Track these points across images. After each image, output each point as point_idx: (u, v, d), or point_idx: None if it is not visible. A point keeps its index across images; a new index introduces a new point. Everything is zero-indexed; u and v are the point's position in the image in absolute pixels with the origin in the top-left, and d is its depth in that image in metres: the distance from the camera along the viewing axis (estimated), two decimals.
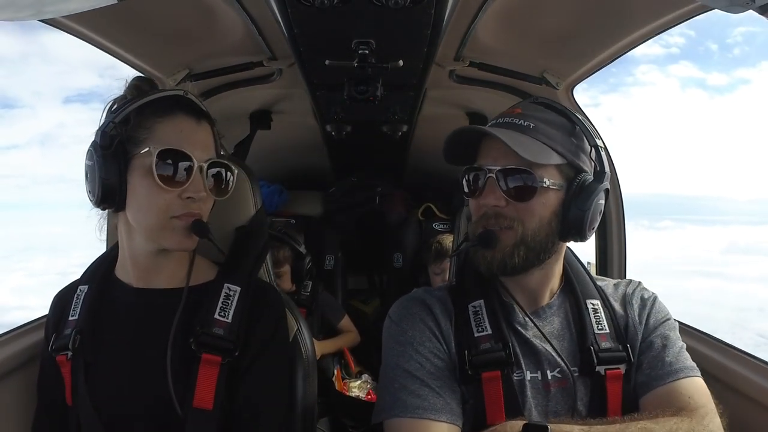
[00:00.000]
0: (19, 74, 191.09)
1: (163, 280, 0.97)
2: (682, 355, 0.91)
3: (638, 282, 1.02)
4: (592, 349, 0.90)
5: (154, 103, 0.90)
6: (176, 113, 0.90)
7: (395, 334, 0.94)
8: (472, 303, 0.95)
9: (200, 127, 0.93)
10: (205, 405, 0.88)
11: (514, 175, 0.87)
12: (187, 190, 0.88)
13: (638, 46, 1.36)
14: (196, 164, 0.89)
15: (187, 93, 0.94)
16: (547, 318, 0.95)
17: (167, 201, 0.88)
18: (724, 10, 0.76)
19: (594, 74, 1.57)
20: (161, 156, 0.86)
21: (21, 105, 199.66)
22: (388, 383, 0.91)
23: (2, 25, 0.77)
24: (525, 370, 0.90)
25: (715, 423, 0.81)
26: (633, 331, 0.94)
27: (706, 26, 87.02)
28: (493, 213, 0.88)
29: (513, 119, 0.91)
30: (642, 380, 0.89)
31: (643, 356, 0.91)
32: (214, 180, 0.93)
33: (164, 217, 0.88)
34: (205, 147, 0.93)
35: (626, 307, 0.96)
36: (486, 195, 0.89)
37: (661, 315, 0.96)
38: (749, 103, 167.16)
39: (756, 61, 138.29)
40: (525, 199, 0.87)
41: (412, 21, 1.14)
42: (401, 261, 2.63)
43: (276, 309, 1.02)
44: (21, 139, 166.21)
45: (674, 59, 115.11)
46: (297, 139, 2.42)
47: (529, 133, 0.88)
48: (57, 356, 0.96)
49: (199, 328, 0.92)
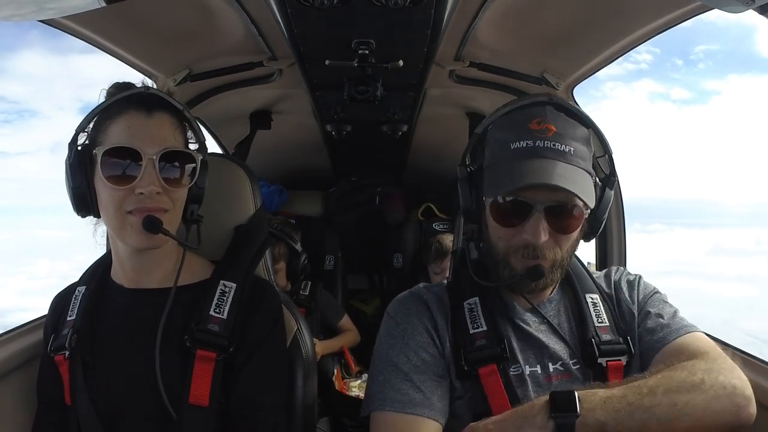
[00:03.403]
0: (45, 91, 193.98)
1: (155, 280, 0.97)
2: (678, 316, 0.93)
3: (622, 268, 1.05)
4: (594, 341, 0.91)
5: (110, 106, 0.90)
6: (127, 110, 0.89)
7: (389, 327, 0.96)
8: (468, 300, 0.95)
9: (151, 119, 0.90)
10: (201, 402, 0.89)
11: (564, 212, 0.86)
12: (138, 186, 0.86)
13: (638, 47, 1.36)
14: (145, 158, 0.86)
15: (149, 88, 0.92)
16: (547, 312, 0.96)
17: (120, 198, 0.88)
18: (724, 9, 0.76)
19: (594, 74, 1.57)
20: (106, 155, 0.87)
21: (40, 116, 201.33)
22: (375, 376, 0.93)
23: (33, 45, 0.77)
24: (524, 364, 0.91)
25: (728, 362, 0.82)
26: (629, 313, 0.96)
27: (670, 45, 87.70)
28: (536, 245, 0.86)
29: (553, 143, 0.86)
30: (646, 347, 0.91)
31: (642, 328, 0.93)
32: (171, 171, 0.90)
33: (120, 214, 0.88)
34: (158, 139, 0.89)
35: (618, 293, 0.99)
36: (531, 230, 0.85)
37: (649, 289, 0.99)
38: (726, 112, 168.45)
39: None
40: (570, 231, 0.88)
41: (412, 21, 1.14)
42: (401, 261, 2.63)
43: (273, 306, 1.02)
44: (32, 146, 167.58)
45: (640, 75, 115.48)
46: (297, 139, 2.42)
47: (574, 161, 0.86)
48: (55, 356, 0.97)
49: (194, 325, 0.92)
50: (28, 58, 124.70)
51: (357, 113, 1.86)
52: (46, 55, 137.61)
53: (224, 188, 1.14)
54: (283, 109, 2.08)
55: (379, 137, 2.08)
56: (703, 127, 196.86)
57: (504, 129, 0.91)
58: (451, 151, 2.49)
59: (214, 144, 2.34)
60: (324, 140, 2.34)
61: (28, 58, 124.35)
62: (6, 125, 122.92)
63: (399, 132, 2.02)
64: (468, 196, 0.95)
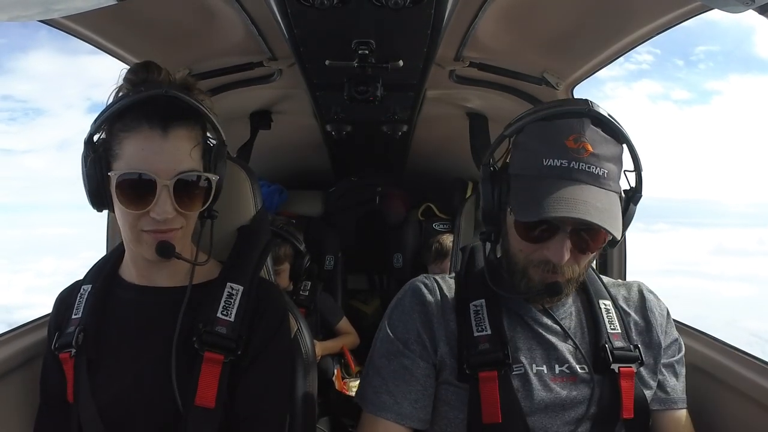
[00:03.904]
0: (53, 90, 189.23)
1: (165, 278, 0.97)
2: (685, 383, 1.00)
3: (646, 286, 1.04)
4: (607, 347, 0.92)
5: (123, 115, 0.87)
6: (141, 126, 0.86)
7: (382, 326, 0.99)
8: (474, 302, 0.95)
9: (167, 140, 0.86)
10: (207, 403, 0.89)
11: (589, 235, 0.85)
12: (152, 211, 0.86)
13: (637, 47, 1.36)
14: (160, 184, 0.85)
15: (167, 91, 0.88)
16: (560, 315, 0.96)
17: (135, 218, 0.88)
18: (724, 10, 0.76)
19: (594, 74, 1.57)
20: (121, 181, 0.86)
21: (48, 114, 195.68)
22: (363, 372, 0.99)
23: (43, 46, 0.77)
24: (531, 362, 0.91)
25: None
26: (655, 339, 0.97)
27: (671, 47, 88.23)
28: (558, 263, 0.85)
29: (588, 166, 0.83)
30: (662, 396, 0.97)
31: (666, 374, 0.98)
32: (186, 193, 0.89)
33: (135, 231, 0.89)
34: (174, 162, 0.87)
35: (647, 314, 0.99)
36: (554, 250, 0.84)
37: (676, 334, 1.01)
38: (728, 111, 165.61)
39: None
40: (591, 252, 0.88)
41: (412, 21, 1.14)
42: (401, 261, 2.63)
43: (279, 308, 1.02)
44: (39, 144, 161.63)
45: (641, 75, 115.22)
46: (297, 139, 2.42)
47: (606, 185, 0.84)
48: (60, 354, 0.96)
49: (202, 327, 0.92)
50: (37, 58, 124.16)
51: (357, 113, 1.86)
52: (55, 55, 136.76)
53: (225, 189, 1.14)
54: (283, 109, 2.08)
55: (379, 137, 2.08)
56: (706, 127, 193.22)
57: (537, 139, 0.87)
58: (451, 151, 2.50)
59: None
60: (324, 140, 2.34)
61: (38, 58, 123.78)
62: (12, 123, 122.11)
63: (399, 132, 2.02)
64: (490, 198, 0.92)
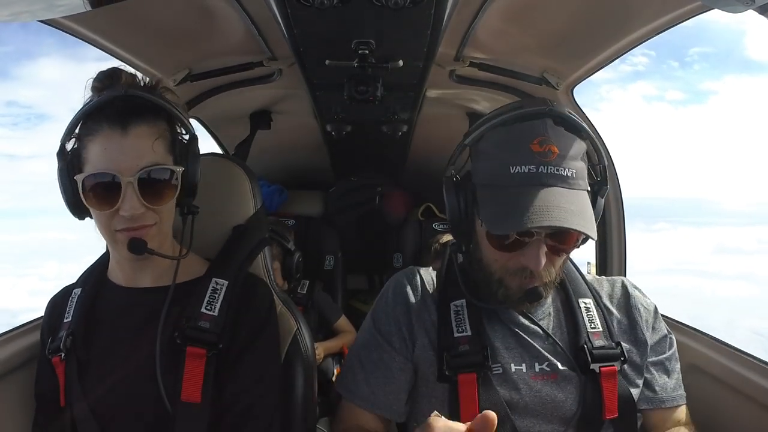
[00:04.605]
0: (59, 96, 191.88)
1: (150, 279, 0.97)
2: (680, 379, 0.99)
3: (630, 282, 1.04)
4: (586, 347, 0.91)
5: (86, 120, 0.88)
6: (101, 128, 0.86)
7: (367, 317, 1.02)
8: (455, 302, 0.95)
9: (127, 137, 0.86)
10: (193, 398, 0.89)
11: (563, 237, 0.85)
12: (120, 209, 0.86)
13: (637, 47, 1.35)
14: (124, 182, 0.85)
15: (126, 91, 0.88)
16: (538, 316, 0.96)
17: (107, 218, 0.88)
18: (724, 10, 0.76)
19: (594, 74, 1.57)
20: (85, 183, 0.86)
21: (53, 120, 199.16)
22: (346, 359, 1.05)
23: (50, 54, 0.77)
24: (510, 362, 0.91)
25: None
26: (640, 336, 0.96)
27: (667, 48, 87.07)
28: (536, 269, 0.84)
29: (556, 168, 0.82)
30: (649, 395, 0.96)
31: (654, 373, 0.97)
32: (153, 188, 0.88)
33: (109, 232, 0.89)
34: (135, 158, 0.86)
35: (631, 311, 0.98)
36: (531, 257, 0.83)
37: (665, 330, 1.00)
38: (723, 111, 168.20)
39: None
40: (568, 252, 0.88)
41: (412, 21, 1.14)
42: (401, 261, 2.63)
43: (265, 302, 1.01)
44: (43, 150, 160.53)
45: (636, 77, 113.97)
46: (297, 139, 2.42)
47: (575, 185, 0.84)
48: (52, 358, 0.97)
49: (185, 322, 0.92)
50: (44, 65, 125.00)
51: (357, 113, 1.86)
52: (62, 62, 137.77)
53: (224, 188, 1.14)
54: (283, 109, 2.08)
55: (379, 137, 2.08)
56: (703, 127, 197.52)
57: (501, 145, 0.86)
58: (451, 152, 2.50)
59: (214, 144, 2.35)
60: (324, 140, 2.34)
61: (45, 65, 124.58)
62: (15, 128, 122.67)
63: (399, 132, 2.02)
64: (456, 210, 0.90)
